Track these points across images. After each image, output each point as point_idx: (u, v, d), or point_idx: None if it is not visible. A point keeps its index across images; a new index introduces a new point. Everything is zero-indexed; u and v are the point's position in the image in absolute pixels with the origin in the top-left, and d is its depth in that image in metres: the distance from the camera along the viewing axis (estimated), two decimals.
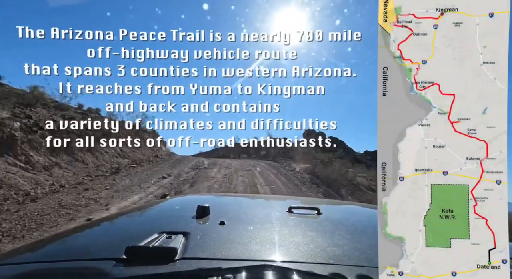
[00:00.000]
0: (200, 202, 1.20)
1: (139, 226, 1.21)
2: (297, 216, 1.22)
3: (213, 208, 1.18)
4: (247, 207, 1.56)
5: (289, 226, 1.07)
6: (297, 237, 0.94)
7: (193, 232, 0.93)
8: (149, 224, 1.20)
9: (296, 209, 1.28)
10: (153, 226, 1.06)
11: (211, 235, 0.92)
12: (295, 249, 0.84)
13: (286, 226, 1.08)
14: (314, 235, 0.97)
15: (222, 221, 1.04)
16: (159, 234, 0.89)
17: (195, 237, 0.89)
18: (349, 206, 1.95)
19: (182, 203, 1.63)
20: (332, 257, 0.80)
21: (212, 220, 1.09)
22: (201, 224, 1.07)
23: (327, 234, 1.01)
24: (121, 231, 1.14)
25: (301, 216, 1.23)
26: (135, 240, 0.83)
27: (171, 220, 1.22)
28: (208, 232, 0.95)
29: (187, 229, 0.95)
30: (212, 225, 1.05)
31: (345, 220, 1.34)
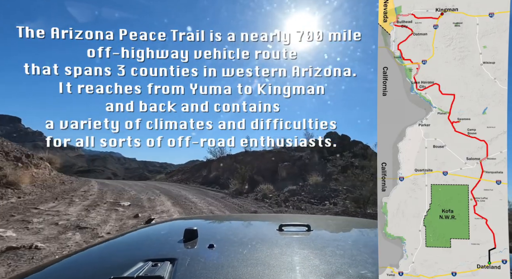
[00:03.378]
0: (187, 225, 1.17)
1: (123, 254, 1.14)
2: (287, 234, 1.21)
3: (201, 231, 1.15)
4: (237, 228, 1.53)
5: (280, 245, 1.06)
6: (288, 256, 0.93)
7: (181, 257, 0.90)
8: (133, 252, 1.14)
9: (286, 226, 1.26)
10: (137, 254, 1.02)
11: (200, 260, 0.89)
12: (287, 269, 0.83)
13: (277, 245, 1.06)
14: (306, 253, 0.96)
15: (211, 244, 1.01)
16: (144, 262, 0.85)
17: (183, 263, 0.86)
18: (338, 221, 1.95)
19: (168, 227, 1.58)
20: (324, 274, 0.80)
21: (201, 244, 1.06)
22: (189, 248, 1.03)
23: (318, 251, 1.00)
24: (103, 260, 1.08)
25: (291, 234, 1.22)
26: (118, 270, 0.79)
27: (157, 245, 1.17)
28: (196, 257, 0.92)
29: (174, 255, 0.92)
30: (200, 249, 1.02)
31: (335, 236, 1.35)
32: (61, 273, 0.98)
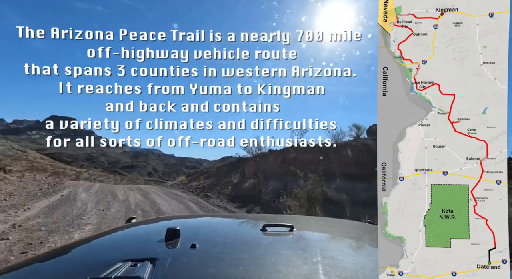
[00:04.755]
0: (169, 224, 1.14)
1: (101, 254, 1.10)
2: (271, 234, 1.20)
3: (184, 230, 1.12)
4: (221, 228, 1.50)
5: (263, 246, 1.05)
6: (271, 257, 0.92)
7: (162, 257, 0.87)
8: (112, 252, 1.10)
9: (269, 227, 1.25)
10: (116, 254, 0.99)
11: (182, 260, 0.88)
12: (270, 269, 0.83)
13: (261, 245, 1.05)
14: (289, 254, 0.96)
15: (193, 244, 0.99)
16: (123, 262, 0.82)
17: (163, 263, 0.83)
18: (320, 222, 1.94)
19: (149, 226, 1.53)
20: (306, 275, 0.80)
21: (183, 244, 1.03)
22: (171, 248, 1.01)
23: (300, 251, 1.00)
24: (79, 260, 1.04)
25: (275, 234, 1.21)
26: (95, 271, 0.77)
27: (137, 245, 1.14)
28: (178, 257, 0.90)
29: (155, 255, 0.89)
30: (182, 249, 0.99)
31: (317, 236, 1.35)
32: (35, 273, 0.94)
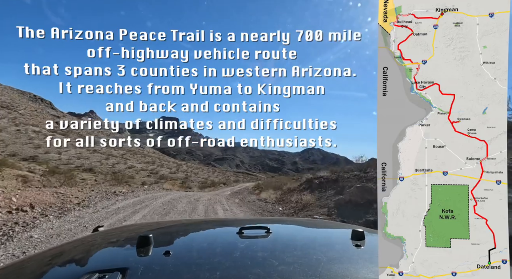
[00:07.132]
0: (141, 232, 1.10)
1: (65, 265, 1.03)
2: (247, 237, 1.19)
3: (156, 237, 1.08)
4: (195, 233, 1.47)
5: (240, 249, 1.04)
6: (248, 259, 0.92)
7: (133, 267, 0.84)
8: (77, 263, 1.04)
9: (246, 230, 1.25)
10: (82, 265, 0.94)
11: (154, 268, 0.84)
12: (247, 272, 0.82)
13: (237, 249, 1.04)
14: (265, 255, 0.96)
15: (167, 250, 0.96)
16: (90, 274, 0.78)
17: (135, 272, 0.80)
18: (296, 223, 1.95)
19: (119, 235, 1.47)
20: (282, 276, 0.79)
21: (155, 251, 0.99)
22: (143, 256, 0.96)
23: (277, 252, 1.00)
24: (41, 273, 0.97)
25: (251, 236, 1.21)
26: None
27: (106, 255, 1.09)
28: (150, 265, 0.87)
29: (125, 264, 0.85)
30: (155, 256, 0.96)
31: (293, 236, 1.36)
32: None
